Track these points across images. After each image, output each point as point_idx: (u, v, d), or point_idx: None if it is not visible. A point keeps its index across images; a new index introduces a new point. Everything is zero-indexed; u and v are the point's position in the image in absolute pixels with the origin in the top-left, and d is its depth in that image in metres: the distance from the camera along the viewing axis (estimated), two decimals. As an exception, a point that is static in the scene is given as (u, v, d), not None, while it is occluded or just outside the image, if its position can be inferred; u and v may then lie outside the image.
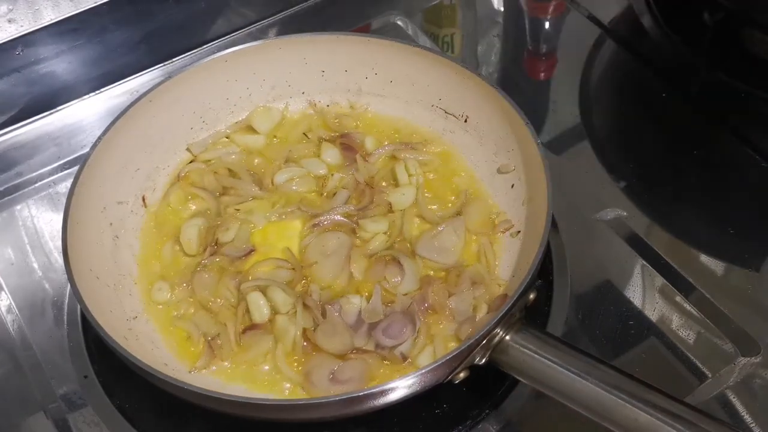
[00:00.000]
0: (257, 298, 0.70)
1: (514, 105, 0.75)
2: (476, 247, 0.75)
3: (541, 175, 0.70)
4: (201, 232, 0.76)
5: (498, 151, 0.79)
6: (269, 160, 0.82)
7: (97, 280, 0.70)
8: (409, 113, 0.85)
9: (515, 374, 0.63)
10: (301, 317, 0.69)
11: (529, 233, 0.73)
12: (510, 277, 0.72)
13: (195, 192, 0.79)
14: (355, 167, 0.80)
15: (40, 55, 0.93)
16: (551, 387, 0.61)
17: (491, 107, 0.78)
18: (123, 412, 0.69)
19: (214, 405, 0.61)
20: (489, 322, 0.61)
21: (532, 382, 0.62)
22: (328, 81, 0.86)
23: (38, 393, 0.72)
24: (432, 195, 0.79)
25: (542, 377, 0.61)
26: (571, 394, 0.60)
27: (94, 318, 0.63)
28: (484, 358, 0.63)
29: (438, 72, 0.81)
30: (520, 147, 0.76)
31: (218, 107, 0.84)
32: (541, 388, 0.62)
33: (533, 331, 0.63)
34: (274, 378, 0.68)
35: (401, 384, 0.60)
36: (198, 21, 1.00)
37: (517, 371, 0.63)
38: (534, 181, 0.73)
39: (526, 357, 0.62)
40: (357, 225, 0.76)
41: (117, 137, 0.75)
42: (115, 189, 0.76)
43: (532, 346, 0.62)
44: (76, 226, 0.69)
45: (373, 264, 0.73)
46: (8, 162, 0.90)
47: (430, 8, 1.04)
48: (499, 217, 0.77)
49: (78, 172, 0.71)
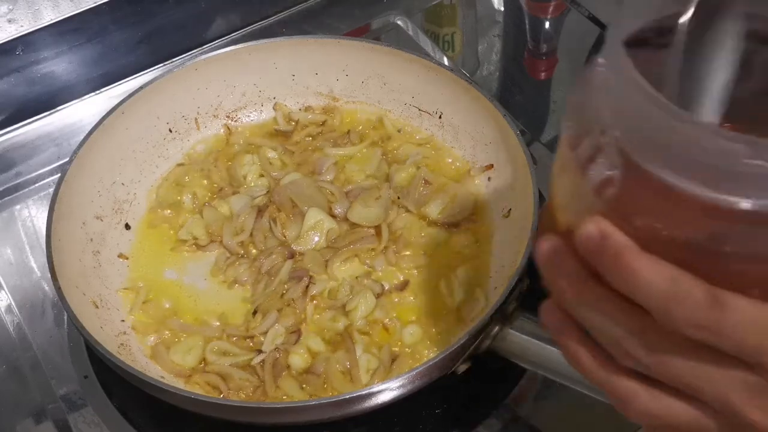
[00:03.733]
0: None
1: (488, 97, 0.75)
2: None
3: (526, 170, 0.70)
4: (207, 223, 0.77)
5: (475, 145, 0.79)
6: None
7: (83, 296, 0.70)
8: (383, 113, 0.85)
9: (514, 359, 0.63)
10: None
11: (519, 219, 0.73)
12: (500, 267, 0.72)
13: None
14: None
15: (40, 55, 0.93)
16: (551, 369, 0.62)
17: (466, 101, 0.79)
18: (123, 412, 0.69)
19: (211, 411, 0.62)
20: (483, 318, 0.62)
21: (533, 366, 0.63)
22: (299, 85, 0.86)
23: (38, 393, 0.72)
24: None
25: (542, 360, 0.62)
26: (573, 374, 0.60)
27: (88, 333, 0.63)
28: (483, 348, 0.63)
29: (409, 69, 0.82)
30: (500, 139, 0.76)
31: (190, 116, 0.84)
32: (542, 371, 0.62)
33: (530, 315, 0.63)
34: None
35: (402, 380, 0.60)
36: (198, 21, 1.00)
37: (515, 357, 0.63)
38: (519, 175, 0.74)
39: (524, 342, 0.63)
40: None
41: (91, 152, 0.75)
42: (93, 204, 0.76)
43: (530, 330, 0.62)
44: (58, 243, 0.69)
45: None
46: (8, 162, 0.90)
47: (430, 8, 1.04)
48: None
49: (56, 188, 0.72)
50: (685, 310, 0.35)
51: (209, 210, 0.78)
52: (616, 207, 0.37)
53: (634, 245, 0.36)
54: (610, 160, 0.37)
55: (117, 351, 0.66)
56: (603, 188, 0.37)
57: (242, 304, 0.73)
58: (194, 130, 0.85)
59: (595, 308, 0.38)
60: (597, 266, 0.37)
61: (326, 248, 0.75)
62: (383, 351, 0.68)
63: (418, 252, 0.74)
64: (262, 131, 0.86)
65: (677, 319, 0.35)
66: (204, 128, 0.85)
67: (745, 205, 0.35)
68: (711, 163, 0.35)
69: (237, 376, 0.67)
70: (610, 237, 0.36)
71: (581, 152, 0.38)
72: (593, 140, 0.38)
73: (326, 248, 0.75)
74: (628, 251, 0.36)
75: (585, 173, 0.38)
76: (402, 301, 0.72)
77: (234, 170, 0.81)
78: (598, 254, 0.37)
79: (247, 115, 0.87)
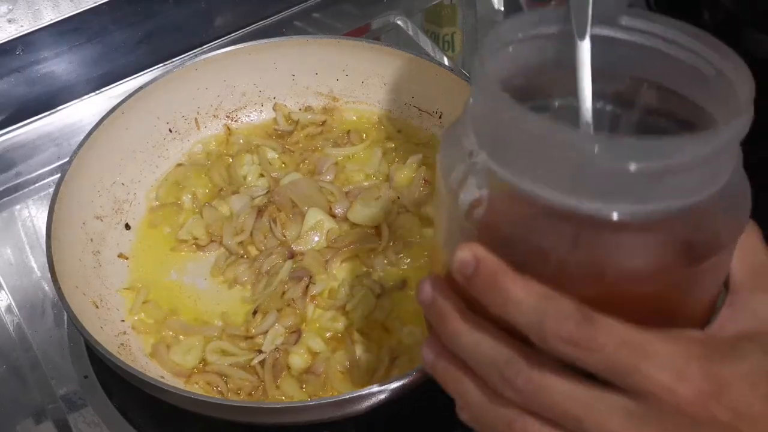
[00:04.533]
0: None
1: None
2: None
3: None
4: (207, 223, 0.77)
5: None
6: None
7: (83, 296, 0.70)
8: (383, 113, 0.85)
9: None
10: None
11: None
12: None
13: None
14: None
15: (40, 55, 0.93)
16: None
17: (465, 101, 0.78)
18: (123, 412, 0.69)
19: (211, 411, 0.62)
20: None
21: None
22: (299, 85, 0.86)
23: (38, 393, 0.72)
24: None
25: None
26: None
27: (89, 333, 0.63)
28: None
29: (409, 69, 0.82)
30: None
31: (190, 116, 0.84)
32: None
33: None
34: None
35: (402, 380, 0.60)
36: (198, 21, 1.00)
37: None
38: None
39: None
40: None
41: (91, 152, 0.75)
42: (93, 204, 0.76)
43: None
44: (58, 243, 0.69)
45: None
46: (7, 162, 0.90)
47: (431, 8, 1.04)
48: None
49: (56, 188, 0.72)
50: (554, 324, 0.35)
51: (209, 210, 0.78)
52: (486, 228, 0.38)
53: (506, 266, 0.37)
54: (478, 180, 0.38)
55: (117, 351, 0.66)
56: (473, 209, 0.38)
57: (242, 304, 0.73)
58: (194, 130, 0.85)
59: (473, 337, 0.39)
60: (471, 290, 0.38)
61: (326, 248, 0.75)
62: (383, 351, 0.68)
63: (418, 252, 0.74)
64: (262, 131, 0.86)
65: (547, 334, 0.35)
66: (204, 128, 0.85)
67: (598, 212, 0.35)
68: (566, 165, 0.34)
69: (237, 376, 0.67)
70: (483, 260, 0.37)
71: (452, 178, 0.39)
72: (463, 165, 0.38)
73: (326, 248, 0.75)
74: (500, 272, 0.37)
75: (457, 200, 0.38)
76: (402, 301, 0.72)
77: (234, 170, 0.81)
78: (472, 278, 0.37)
79: (247, 115, 0.87)
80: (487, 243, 0.37)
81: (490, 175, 0.37)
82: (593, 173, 0.34)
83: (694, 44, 0.40)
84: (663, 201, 0.35)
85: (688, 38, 0.40)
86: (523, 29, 0.41)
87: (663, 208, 0.35)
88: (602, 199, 0.34)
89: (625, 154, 0.33)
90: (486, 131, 0.38)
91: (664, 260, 0.36)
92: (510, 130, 0.36)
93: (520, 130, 0.35)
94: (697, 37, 0.40)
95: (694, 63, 0.40)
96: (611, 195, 0.34)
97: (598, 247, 0.35)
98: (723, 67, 0.39)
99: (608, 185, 0.34)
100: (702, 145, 0.34)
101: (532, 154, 0.35)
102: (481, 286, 0.37)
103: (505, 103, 0.36)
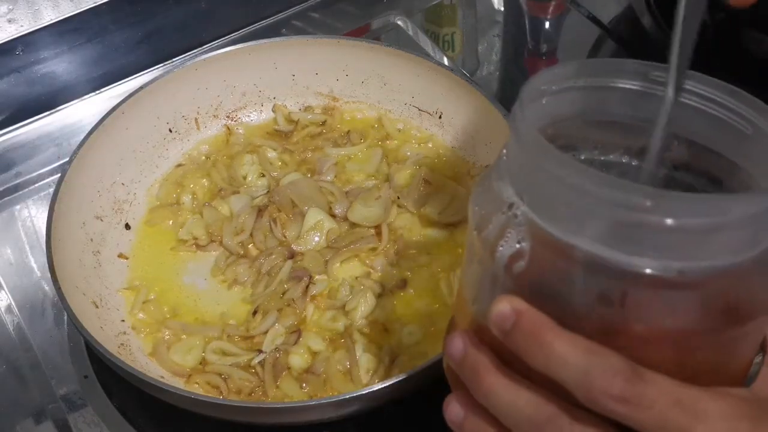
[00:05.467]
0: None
1: (489, 97, 0.75)
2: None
3: None
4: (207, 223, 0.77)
5: (475, 145, 0.79)
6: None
7: (83, 296, 0.70)
8: (383, 113, 0.85)
9: None
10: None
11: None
12: None
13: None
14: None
15: (40, 55, 0.93)
16: None
17: (466, 101, 0.78)
18: (123, 412, 0.69)
19: (211, 411, 0.62)
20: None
21: None
22: (299, 85, 0.86)
23: (38, 393, 0.72)
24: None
25: None
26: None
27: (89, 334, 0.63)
28: None
29: (409, 69, 0.82)
30: (500, 139, 0.76)
31: (190, 116, 0.84)
32: None
33: None
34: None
35: (402, 380, 0.60)
36: (198, 21, 1.00)
37: None
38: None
39: None
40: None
41: (91, 152, 0.75)
42: (93, 204, 0.76)
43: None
44: (58, 243, 0.69)
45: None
46: (7, 162, 0.90)
47: (431, 8, 1.04)
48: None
49: (56, 188, 0.72)
50: (603, 380, 0.34)
51: (209, 210, 0.78)
52: (525, 281, 0.36)
53: (549, 320, 0.35)
54: (518, 233, 0.36)
55: (117, 351, 0.66)
56: (513, 262, 0.37)
57: (242, 304, 0.73)
58: (194, 130, 0.85)
59: (510, 394, 0.37)
60: (510, 345, 0.36)
61: (326, 248, 0.75)
62: (383, 351, 0.68)
63: (418, 252, 0.74)
64: (262, 131, 0.86)
65: (595, 392, 0.34)
66: (204, 128, 0.85)
67: (645, 267, 0.33)
68: (617, 219, 0.33)
69: (237, 376, 0.67)
70: (524, 314, 0.36)
71: (489, 232, 0.38)
72: (501, 217, 0.37)
73: (326, 248, 0.75)
74: (543, 326, 0.35)
75: (494, 253, 0.37)
76: (402, 301, 0.72)
77: (234, 170, 0.81)
78: (512, 332, 0.36)
79: (247, 115, 0.87)
80: (525, 296, 0.36)
81: (532, 228, 0.36)
82: (648, 229, 0.33)
83: (729, 101, 0.39)
84: (713, 259, 0.34)
85: (724, 95, 0.39)
86: (557, 81, 0.40)
87: (713, 265, 0.34)
88: (654, 255, 0.33)
89: (685, 210, 0.32)
90: (527, 182, 0.36)
91: (710, 319, 0.35)
92: (556, 182, 0.35)
93: (568, 182, 0.34)
94: (732, 94, 0.39)
95: (729, 120, 0.39)
96: (663, 251, 0.33)
97: (645, 303, 0.35)
98: (763, 125, 0.38)
99: (661, 241, 0.33)
100: (758, 203, 0.33)
101: (579, 207, 0.34)
102: (522, 341, 0.36)
103: (554, 154, 0.34)
